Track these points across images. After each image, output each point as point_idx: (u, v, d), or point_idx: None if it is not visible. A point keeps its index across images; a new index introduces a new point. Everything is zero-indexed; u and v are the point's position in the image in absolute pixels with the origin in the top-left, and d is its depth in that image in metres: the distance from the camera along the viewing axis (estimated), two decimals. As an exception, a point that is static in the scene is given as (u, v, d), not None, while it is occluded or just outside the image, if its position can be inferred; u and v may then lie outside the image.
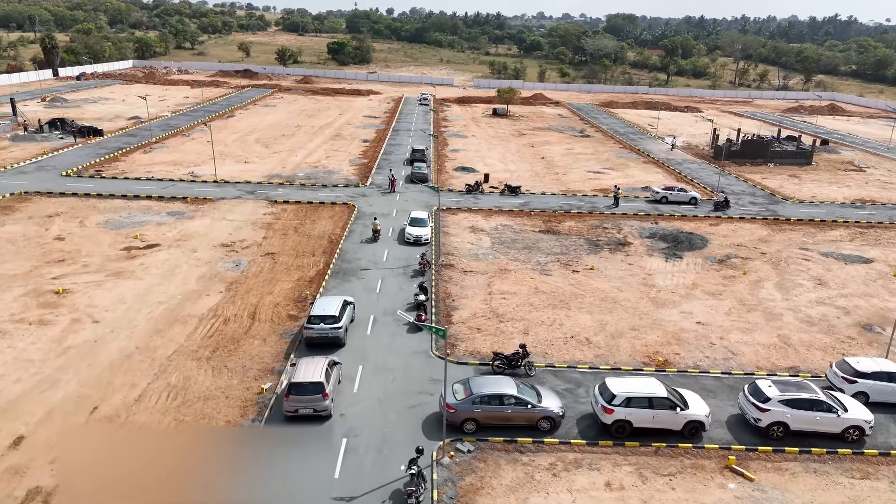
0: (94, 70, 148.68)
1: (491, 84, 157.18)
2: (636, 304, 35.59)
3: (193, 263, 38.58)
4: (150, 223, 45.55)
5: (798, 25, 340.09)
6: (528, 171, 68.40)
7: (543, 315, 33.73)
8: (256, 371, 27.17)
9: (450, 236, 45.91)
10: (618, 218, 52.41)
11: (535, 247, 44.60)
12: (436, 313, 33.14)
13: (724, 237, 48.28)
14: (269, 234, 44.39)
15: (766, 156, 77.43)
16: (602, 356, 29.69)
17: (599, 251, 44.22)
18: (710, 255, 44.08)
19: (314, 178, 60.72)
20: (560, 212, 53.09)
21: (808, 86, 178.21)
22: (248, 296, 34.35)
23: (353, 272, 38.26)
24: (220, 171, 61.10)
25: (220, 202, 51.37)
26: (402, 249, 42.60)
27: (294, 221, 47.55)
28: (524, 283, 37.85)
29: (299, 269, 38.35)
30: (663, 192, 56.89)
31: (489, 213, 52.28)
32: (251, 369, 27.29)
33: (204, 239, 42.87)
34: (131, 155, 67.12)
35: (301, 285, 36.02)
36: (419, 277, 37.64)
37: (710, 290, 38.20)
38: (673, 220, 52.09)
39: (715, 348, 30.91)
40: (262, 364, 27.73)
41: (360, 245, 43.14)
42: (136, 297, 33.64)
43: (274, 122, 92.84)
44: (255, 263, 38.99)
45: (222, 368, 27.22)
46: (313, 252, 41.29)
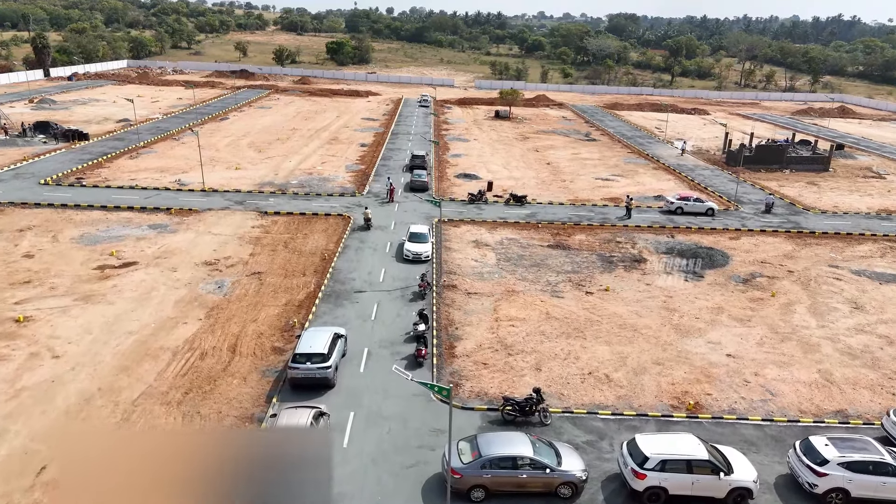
0: (86, 70, 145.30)
1: (493, 85, 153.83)
2: (658, 333, 32.28)
3: (172, 285, 35.24)
4: (128, 238, 42.20)
5: (802, 25, 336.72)
6: (533, 179, 65.08)
7: (557, 346, 30.41)
8: (233, 418, 23.85)
9: (452, 252, 42.59)
10: (631, 230, 49.10)
11: (544, 264, 41.28)
12: (437, 345, 29.81)
13: (746, 252, 44.95)
14: (256, 251, 41.06)
15: (782, 162, 74.11)
16: (625, 398, 26.36)
17: (614, 269, 40.90)
18: (733, 274, 40.76)
19: (308, 187, 57.39)
20: (569, 224, 49.76)
21: (816, 87, 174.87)
22: (230, 324, 31.01)
23: (346, 295, 34.93)
24: (210, 179, 57.77)
25: (206, 213, 48.04)
26: (400, 268, 39.27)
27: (284, 235, 44.22)
28: (534, 307, 34.53)
29: (288, 292, 35.01)
30: (678, 203, 53.56)
31: (494, 225, 48.96)
32: (227, 416, 23.97)
33: (186, 256, 39.53)
34: (116, 161, 63.78)
35: (289, 311, 32.69)
36: (419, 301, 34.33)
37: (737, 315, 34.87)
38: (690, 233, 48.77)
39: (750, 387, 27.58)
40: (241, 409, 24.42)
41: (355, 259, 39.82)
42: (105, 326, 30.30)
43: (269, 124, 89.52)
44: (240, 285, 35.66)
45: (194, 415, 23.90)
46: (304, 271, 37.95)
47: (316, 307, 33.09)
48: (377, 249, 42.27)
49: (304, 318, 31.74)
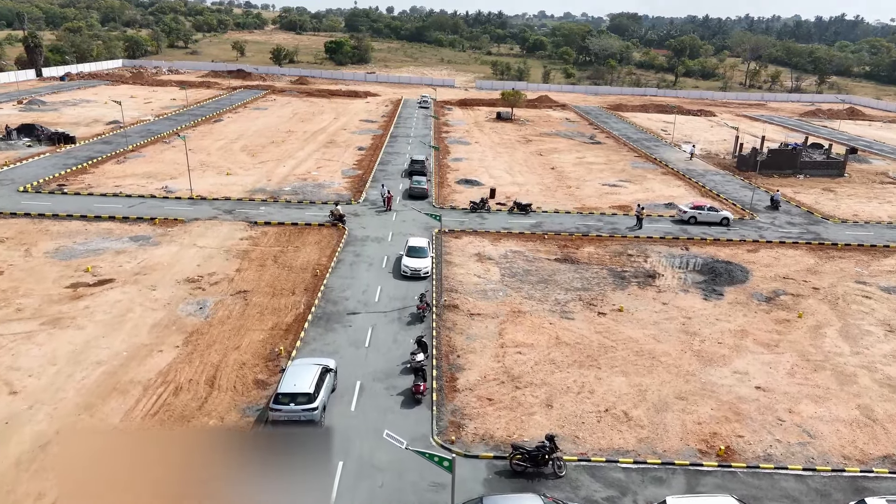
0: (79, 70, 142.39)
1: (494, 85, 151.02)
2: (678, 361, 29.52)
3: (149, 306, 32.47)
4: (107, 251, 39.42)
5: (805, 25, 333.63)
6: (537, 184, 62.31)
7: (569, 377, 27.65)
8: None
9: (453, 266, 39.83)
10: (642, 242, 46.35)
11: (552, 280, 38.52)
12: (437, 377, 27.04)
13: (766, 267, 42.19)
14: (243, 266, 38.29)
15: (796, 166, 71.33)
16: (647, 441, 23.60)
17: (626, 286, 38.12)
18: (755, 292, 37.98)
19: (302, 194, 54.61)
20: (577, 235, 47.00)
21: (822, 88, 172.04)
22: (210, 352, 28.24)
23: (338, 317, 32.16)
24: (199, 185, 55.00)
25: (192, 224, 45.26)
26: (397, 285, 36.49)
27: (274, 248, 41.44)
28: (542, 331, 31.77)
29: (275, 314, 32.25)
30: (692, 212, 50.79)
31: (497, 236, 46.20)
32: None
33: (167, 272, 36.76)
34: (102, 166, 61.00)
35: (275, 337, 29.92)
36: (417, 325, 31.58)
37: (763, 339, 32.11)
38: (705, 246, 45.99)
39: (786, 428, 24.81)
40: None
41: (349, 276, 37.06)
42: (71, 355, 27.53)
43: (264, 126, 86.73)
44: (224, 306, 32.89)
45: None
46: (293, 289, 35.17)
47: (305, 332, 30.32)
48: (373, 264, 39.52)
49: (292, 345, 28.98)
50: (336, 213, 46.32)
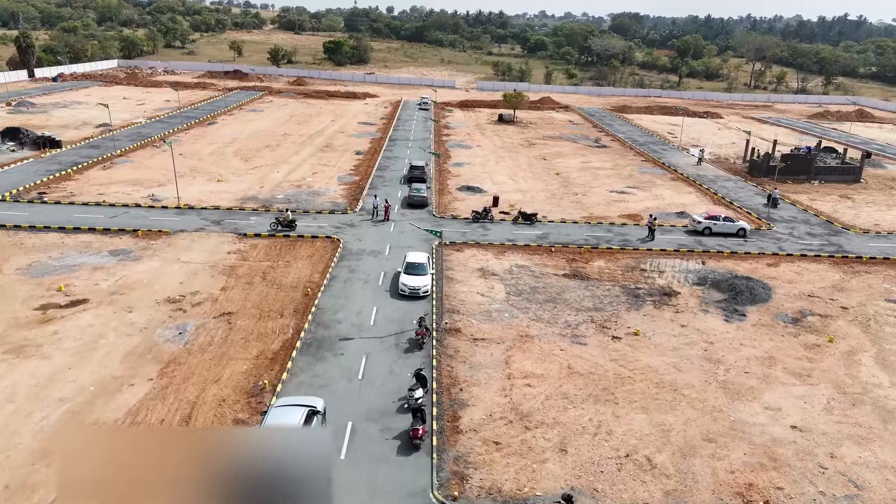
0: (73, 71, 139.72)
1: (495, 86, 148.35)
2: (703, 394, 26.85)
3: (124, 331, 29.80)
4: (83, 267, 36.74)
5: (808, 25, 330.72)
6: (542, 191, 59.65)
7: (583, 414, 24.98)
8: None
9: (455, 284, 37.15)
10: (655, 255, 43.70)
11: (561, 298, 35.85)
12: (438, 415, 24.37)
13: (789, 283, 39.51)
14: (229, 283, 35.61)
15: (810, 172, 68.63)
16: (675, 494, 20.93)
17: (641, 305, 35.46)
18: (779, 312, 35.31)
19: (296, 202, 51.94)
20: (586, 247, 44.34)
21: (828, 89, 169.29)
22: (187, 386, 25.57)
23: (330, 344, 29.47)
24: (188, 193, 52.35)
25: (177, 236, 42.58)
26: (395, 306, 33.82)
27: (264, 263, 38.77)
28: (553, 359, 29.10)
29: (261, 340, 29.57)
30: (706, 222, 48.12)
31: (501, 248, 43.53)
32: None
33: (146, 291, 34.08)
34: (87, 172, 58.33)
35: (259, 367, 27.24)
36: (416, 352, 28.89)
37: (793, 367, 29.44)
38: (723, 259, 43.32)
39: (828, 477, 22.14)
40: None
41: (342, 295, 34.39)
42: (33, 390, 24.87)
43: (259, 129, 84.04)
44: (205, 330, 30.21)
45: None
46: (281, 311, 32.50)
47: (293, 362, 27.64)
48: (368, 282, 36.84)
49: (277, 378, 26.29)
50: (285, 218, 43.82)
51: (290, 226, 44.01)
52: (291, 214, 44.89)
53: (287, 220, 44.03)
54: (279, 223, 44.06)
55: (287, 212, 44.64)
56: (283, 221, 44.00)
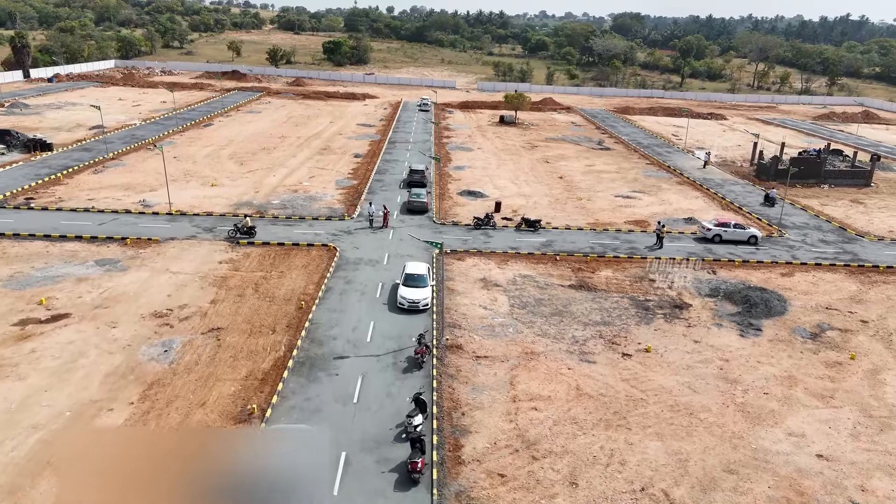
0: (69, 71, 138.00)
1: (496, 87, 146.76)
2: (721, 419, 25.20)
3: (106, 348, 28.15)
4: (67, 279, 35.10)
5: (810, 25, 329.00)
6: (545, 196, 58.01)
7: (594, 442, 23.34)
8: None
9: (456, 296, 35.50)
10: (664, 264, 42.02)
11: (567, 311, 34.21)
12: (438, 444, 22.72)
13: (804, 294, 37.85)
14: (220, 296, 33.96)
15: (820, 175, 67.00)
16: (696, 534, 19.28)
17: (652, 319, 33.81)
18: (796, 326, 33.66)
19: (291, 208, 50.33)
20: (592, 256, 42.69)
21: (833, 90, 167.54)
22: (169, 410, 23.92)
23: (323, 363, 27.81)
24: (180, 198, 50.72)
25: (167, 244, 40.93)
26: (393, 320, 32.16)
27: (256, 273, 37.12)
28: (560, 379, 27.45)
29: (251, 358, 27.92)
30: (716, 230, 46.46)
31: (504, 257, 41.88)
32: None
33: (132, 304, 32.43)
34: (77, 176, 56.67)
35: (248, 389, 25.60)
36: (415, 372, 27.24)
37: (814, 388, 27.80)
38: (734, 269, 41.66)
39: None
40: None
41: (338, 308, 32.73)
42: (4, 416, 23.22)
43: (256, 131, 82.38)
44: (192, 348, 28.56)
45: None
46: (273, 326, 30.85)
47: (284, 383, 25.98)
48: (366, 293, 35.19)
49: (267, 401, 24.64)
50: (244, 225, 41.97)
51: (250, 233, 42.00)
52: (251, 221, 42.84)
53: (246, 226, 42.07)
54: (238, 230, 42.04)
55: (246, 218, 42.65)
56: (241, 228, 42.04)
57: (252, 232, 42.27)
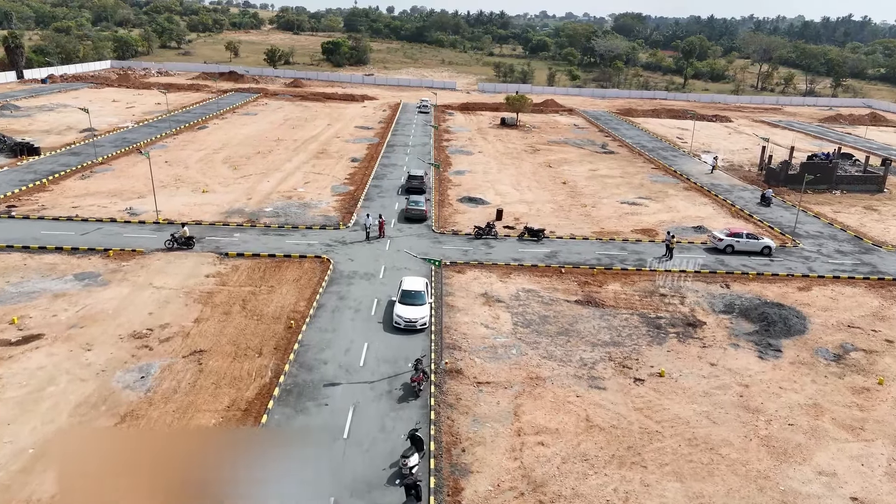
0: (64, 72, 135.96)
1: (497, 88, 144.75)
2: (745, 455, 23.15)
3: (79, 374, 26.11)
4: (44, 295, 33.07)
5: (813, 26, 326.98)
6: (548, 202, 55.98)
7: (607, 483, 21.30)
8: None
9: (456, 313, 33.47)
10: (675, 277, 39.98)
11: (574, 330, 32.18)
12: (436, 486, 20.68)
13: (824, 311, 35.81)
14: (204, 314, 31.93)
15: (831, 181, 64.93)
16: None
17: (664, 339, 31.77)
18: (818, 347, 31.63)
19: (285, 215, 48.31)
20: (599, 268, 40.65)
21: (838, 91, 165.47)
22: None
23: (312, 391, 25.77)
24: (169, 206, 48.72)
25: (151, 257, 38.88)
26: (388, 341, 30.12)
27: (245, 288, 35.09)
28: (569, 409, 25.41)
29: (234, 385, 25.89)
30: (728, 240, 44.41)
31: (506, 270, 39.83)
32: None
33: (110, 324, 30.40)
34: (63, 182, 54.64)
35: (230, 421, 23.56)
36: (411, 402, 25.19)
37: (843, 418, 25.76)
38: (748, 283, 39.61)
39: (907, 570, 18.47)
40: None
41: (329, 328, 30.69)
42: (-40, 454, 21.20)
43: (251, 134, 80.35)
44: (172, 373, 26.53)
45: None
46: (260, 348, 28.81)
47: (269, 415, 23.94)
48: (360, 311, 33.14)
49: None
50: (182, 235, 39.74)
51: (188, 244, 39.79)
52: (189, 231, 40.38)
53: (184, 237, 39.80)
54: (175, 240, 39.70)
55: (184, 228, 40.39)
56: (178, 239, 39.77)
57: (190, 243, 39.88)
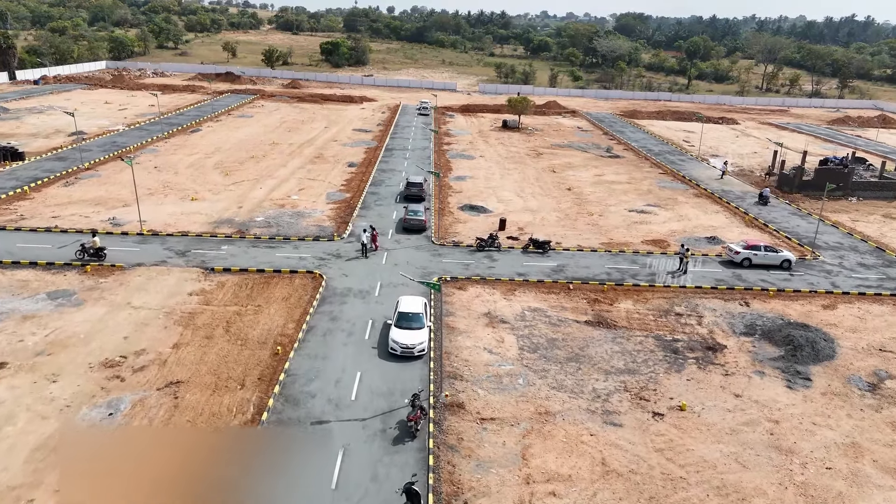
0: (57, 73, 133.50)
1: (498, 89, 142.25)
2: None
3: (40, 411, 23.64)
4: (12, 316, 30.59)
5: (816, 26, 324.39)
6: (553, 210, 53.52)
7: (628, 543, 18.81)
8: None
9: (457, 335, 30.99)
10: (689, 294, 37.52)
11: (585, 355, 29.71)
12: (435, 549, 18.23)
13: (853, 332, 33.33)
14: (185, 338, 29.45)
15: (847, 187, 62.41)
16: None
17: (682, 365, 29.29)
18: (850, 374, 29.15)
19: (276, 226, 45.85)
20: (609, 284, 38.15)
21: (844, 92, 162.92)
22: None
23: (297, 430, 23.27)
24: (155, 215, 46.27)
25: (132, 272, 36.41)
26: (383, 370, 27.63)
27: (230, 308, 32.61)
28: (582, 450, 22.93)
29: (212, 423, 23.39)
30: (746, 252, 41.90)
31: (511, 286, 37.34)
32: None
33: (80, 350, 27.93)
34: (46, 189, 52.17)
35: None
36: (408, 443, 22.70)
37: (885, 460, 23.27)
38: (769, 300, 37.11)
39: None
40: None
41: (319, 354, 28.22)
42: None
43: (246, 138, 77.89)
44: (143, 409, 24.05)
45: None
46: (243, 379, 26.32)
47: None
48: (353, 334, 30.65)
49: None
50: (92, 246, 36.90)
51: (98, 255, 36.98)
52: (99, 241, 37.42)
53: (94, 247, 36.94)
54: (85, 251, 36.91)
55: (94, 238, 37.36)
56: (89, 250, 36.97)
57: (101, 255, 37.05)
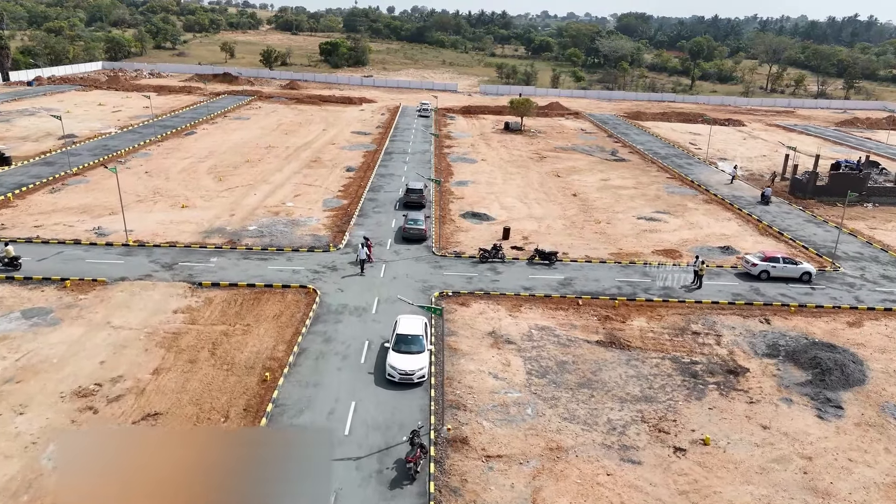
0: (52, 74, 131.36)
1: (499, 90, 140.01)
2: (822, 561, 18.53)
3: (3, 449, 21.50)
4: (-19, 337, 28.49)
5: (819, 26, 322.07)
6: (559, 218, 51.40)
7: None
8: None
9: (459, 358, 28.86)
10: (706, 310, 35.38)
11: (598, 380, 27.57)
12: None
13: (882, 353, 31.18)
14: (166, 363, 27.31)
15: (862, 193, 60.19)
16: None
17: (703, 391, 27.15)
18: (884, 402, 27.01)
19: (270, 235, 43.73)
20: (620, 299, 36.02)
21: (850, 93, 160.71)
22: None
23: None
24: (143, 224, 44.18)
25: (114, 287, 34.29)
26: (380, 399, 25.48)
27: (217, 328, 30.48)
28: (599, 493, 20.80)
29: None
30: (763, 265, 39.73)
31: (516, 302, 35.20)
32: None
33: (52, 377, 25.80)
34: (31, 196, 50.08)
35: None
36: (406, 487, 20.57)
37: (932, 503, 21.12)
38: (791, 316, 34.97)
39: None
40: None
41: (311, 381, 26.09)
42: None
43: (241, 141, 75.77)
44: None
45: None
46: (227, 410, 24.18)
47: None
48: (348, 357, 28.52)
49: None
50: (6, 255, 35.03)
51: (13, 264, 35.18)
52: (13, 251, 35.47)
53: (8, 256, 34.97)
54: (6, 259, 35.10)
55: (7, 247, 35.47)
56: (2, 259, 35.03)
57: (15, 264, 35.09)
